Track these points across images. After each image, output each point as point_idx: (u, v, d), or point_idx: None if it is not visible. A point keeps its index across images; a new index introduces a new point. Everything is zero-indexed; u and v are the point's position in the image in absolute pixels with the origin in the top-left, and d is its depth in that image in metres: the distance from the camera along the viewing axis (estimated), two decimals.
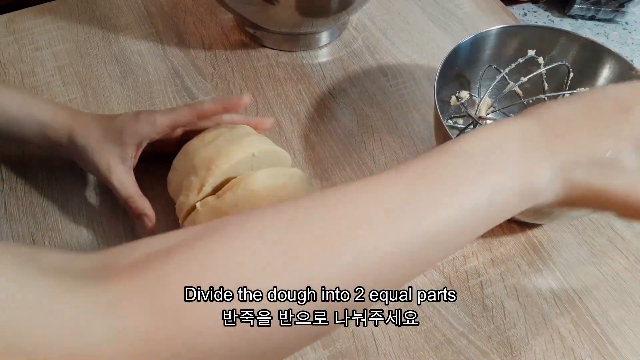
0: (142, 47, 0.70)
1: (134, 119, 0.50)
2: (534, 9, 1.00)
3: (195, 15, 0.74)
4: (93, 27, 0.72)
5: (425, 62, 0.72)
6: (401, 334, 0.49)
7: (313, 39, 0.71)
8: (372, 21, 0.76)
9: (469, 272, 0.54)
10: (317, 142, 0.63)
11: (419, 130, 0.64)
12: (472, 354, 0.49)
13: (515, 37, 0.60)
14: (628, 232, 0.58)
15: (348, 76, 0.69)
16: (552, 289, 0.53)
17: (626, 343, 0.50)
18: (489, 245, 0.56)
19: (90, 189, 0.57)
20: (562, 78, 0.60)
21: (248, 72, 0.69)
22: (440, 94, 0.54)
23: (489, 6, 0.80)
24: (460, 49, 0.57)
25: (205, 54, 0.70)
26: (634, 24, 0.98)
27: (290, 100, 0.66)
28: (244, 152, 0.48)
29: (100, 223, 0.55)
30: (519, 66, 0.58)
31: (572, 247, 0.56)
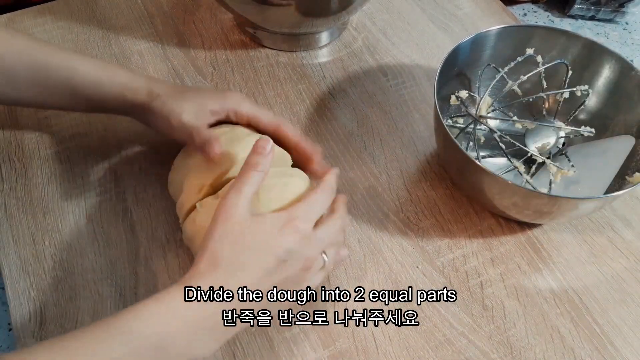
0: (142, 47, 0.70)
1: (221, 94, 0.52)
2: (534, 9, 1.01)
3: (195, 15, 0.74)
4: (93, 27, 0.72)
5: (425, 62, 0.72)
6: (401, 334, 0.49)
7: (313, 39, 0.71)
8: (372, 21, 0.76)
9: (469, 272, 0.54)
10: (317, 142, 0.63)
11: (419, 130, 0.64)
12: (472, 354, 0.49)
13: (515, 37, 0.60)
14: (628, 232, 0.58)
15: (348, 76, 0.69)
16: (552, 289, 0.53)
17: (626, 343, 0.50)
18: (489, 245, 0.56)
19: (91, 188, 0.57)
20: (561, 77, 0.60)
21: (248, 72, 0.69)
22: (440, 94, 0.54)
23: (489, 6, 0.80)
24: (460, 49, 0.57)
25: (205, 54, 0.70)
26: (634, 24, 0.98)
27: (290, 100, 0.66)
28: (244, 152, 0.48)
29: (100, 223, 0.55)
30: (519, 65, 0.58)
31: (572, 247, 0.56)
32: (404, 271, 0.53)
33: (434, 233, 0.56)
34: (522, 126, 0.60)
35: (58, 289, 0.50)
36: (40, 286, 0.50)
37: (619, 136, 0.59)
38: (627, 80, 0.58)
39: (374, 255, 0.54)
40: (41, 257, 0.52)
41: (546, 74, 0.60)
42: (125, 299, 0.50)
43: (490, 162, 0.61)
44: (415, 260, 0.54)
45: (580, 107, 0.60)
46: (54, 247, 0.53)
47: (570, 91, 0.58)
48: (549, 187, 0.56)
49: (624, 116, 0.58)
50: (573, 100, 0.60)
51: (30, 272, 0.51)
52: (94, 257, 0.52)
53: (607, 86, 0.60)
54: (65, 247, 0.53)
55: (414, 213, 0.57)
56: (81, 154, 0.60)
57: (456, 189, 0.59)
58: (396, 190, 0.59)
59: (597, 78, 0.60)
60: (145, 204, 0.56)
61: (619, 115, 0.59)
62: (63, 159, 0.59)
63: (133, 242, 0.53)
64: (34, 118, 0.62)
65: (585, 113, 0.62)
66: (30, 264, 0.52)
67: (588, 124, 0.59)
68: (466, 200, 0.59)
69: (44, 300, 0.50)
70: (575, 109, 0.61)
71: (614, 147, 0.58)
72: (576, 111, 0.61)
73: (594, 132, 0.58)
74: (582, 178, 0.58)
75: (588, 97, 0.59)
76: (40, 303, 0.49)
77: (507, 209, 0.53)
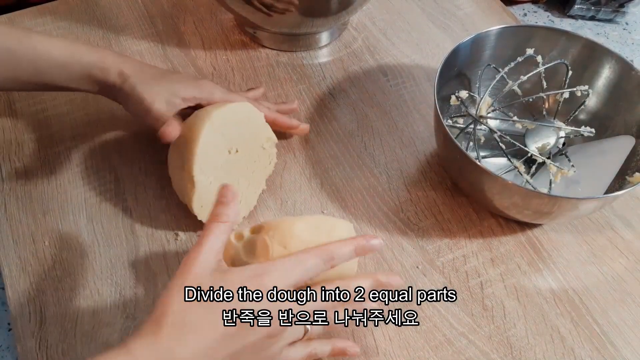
0: (142, 47, 0.70)
1: (194, 82, 0.53)
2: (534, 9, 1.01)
3: (195, 15, 0.74)
4: (93, 27, 0.72)
5: (425, 62, 0.72)
6: (401, 334, 0.49)
7: (313, 39, 0.71)
8: (372, 21, 0.76)
9: (469, 272, 0.54)
10: (317, 142, 0.63)
11: (419, 130, 0.64)
12: (472, 354, 0.49)
13: (515, 37, 0.60)
14: (628, 232, 0.58)
15: (348, 76, 0.69)
16: (552, 289, 0.53)
17: (626, 343, 0.50)
18: (489, 245, 0.56)
19: (91, 189, 0.57)
20: (561, 77, 0.60)
21: (248, 72, 0.69)
22: (440, 94, 0.54)
23: (489, 6, 0.80)
24: (460, 49, 0.57)
25: (205, 54, 0.70)
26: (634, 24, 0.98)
27: (291, 100, 0.66)
28: (210, 123, 0.50)
29: (100, 223, 0.55)
30: (519, 65, 0.58)
31: (572, 247, 0.56)
32: (404, 271, 0.53)
33: (434, 233, 0.56)
34: (522, 126, 0.60)
35: (58, 289, 0.50)
36: (40, 286, 0.50)
37: (619, 136, 0.59)
38: (627, 80, 0.58)
39: (374, 255, 0.54)
40: (41, 257, 0.52)
41: (546, 74, 0.60)
42: (125, 299, 0.50)
43: (490, 162, 0.61)
44: (415, 260, 0.54)
45: (580, 107, 0.60)
46: (54, 247, 0.53)
47: (571, 91, 0.58)
48: (549, 187, 0.56)
49: (624, 116, 0.58)
50: (573, 100, 0.60)
51: (30, 272, 0.51)
52: (94, 257, 0.52)
53: (607, 86, 0.60)
54: (65, 247, 0.53)
55: (414, 213, 0.57)
56: (81, 154, 0.60)
57: (456, 189, 0.59)
58: (396, 190, 0.59)
59: (597, 78, 0.60)
60: (145, 204, 0.56)
61: (619, 115, 0.59)
62: (63, 159, 0.59)
63: (133, 242, 0.53)
64: (34, 118, 0.62)
65: (585, 113, 0.62)
66: (30, 264, 0.52)
67: (588, 124, 0.59)
68: (466, 200, 0.59)
69: (44, 300, 0.49)
70: (576, 109, 0.61)
71: (614, 147, 0.58)
72: (576, 111, 0.61)
73: (594, 132, 0.58)
74: (582, 178, 0.58)
75: (588, 97, 0.59)
76: (40, 303, 0.49)
77: (507, 209, 0.53)
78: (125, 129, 0.62)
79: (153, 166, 0.59)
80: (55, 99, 0.64)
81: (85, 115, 0.62)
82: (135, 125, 0.62)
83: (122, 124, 0.62)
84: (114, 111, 0.63)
